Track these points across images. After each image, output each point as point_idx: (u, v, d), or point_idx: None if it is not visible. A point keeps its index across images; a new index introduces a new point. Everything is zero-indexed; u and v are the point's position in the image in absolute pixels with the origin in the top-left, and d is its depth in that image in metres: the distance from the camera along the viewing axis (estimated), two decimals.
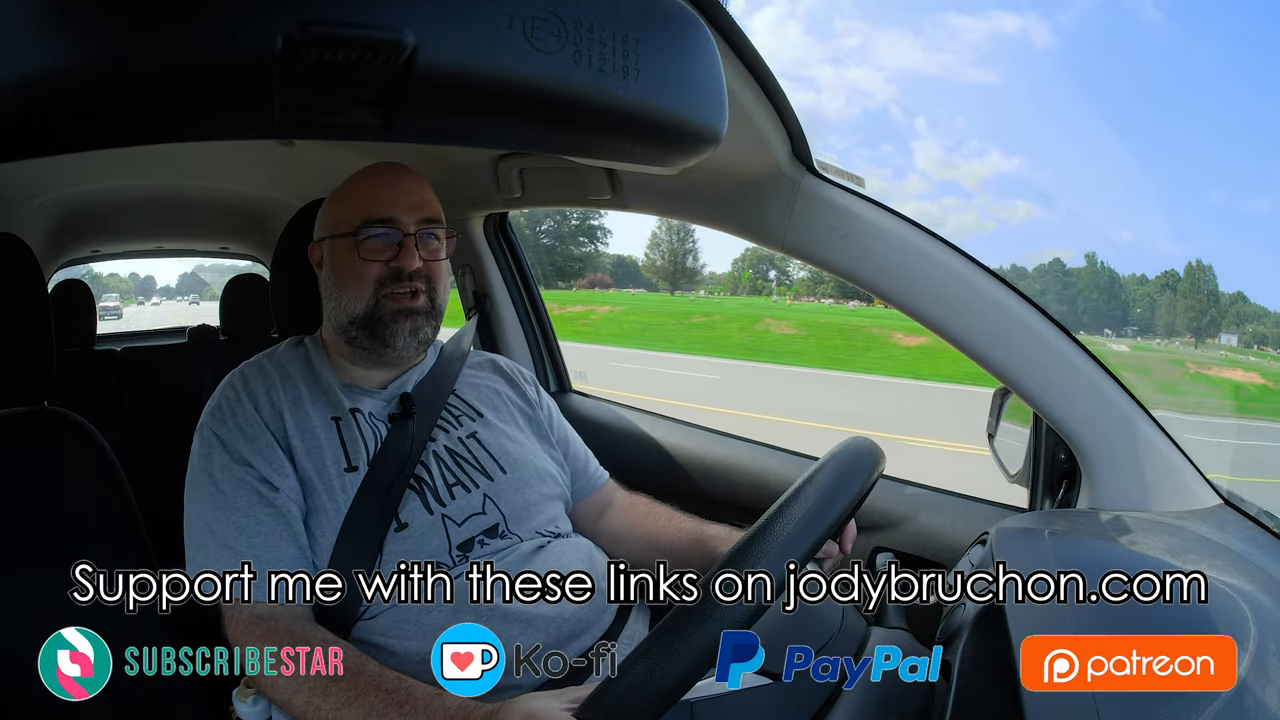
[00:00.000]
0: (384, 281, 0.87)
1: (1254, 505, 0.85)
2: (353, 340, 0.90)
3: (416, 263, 0.87)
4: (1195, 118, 38.73)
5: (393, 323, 0.88)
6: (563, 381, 1.71)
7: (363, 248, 0.87)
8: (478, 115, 0.38)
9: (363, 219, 0.87)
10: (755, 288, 24.96)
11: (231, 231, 2.40)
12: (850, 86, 46.37)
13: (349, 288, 0.88)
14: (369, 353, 0.90)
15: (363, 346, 0.90)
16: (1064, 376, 0.88)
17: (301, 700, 0.70)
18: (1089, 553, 0.76)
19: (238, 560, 0.77)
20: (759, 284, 25.01)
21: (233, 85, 0.32)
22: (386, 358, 0.91)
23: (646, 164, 0.47)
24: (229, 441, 0.83)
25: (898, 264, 0.91)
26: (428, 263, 0.89)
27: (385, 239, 0.87)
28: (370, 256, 0.87)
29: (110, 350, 2.16)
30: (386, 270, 0.87)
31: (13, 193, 1.59)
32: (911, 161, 46.26)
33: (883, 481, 0.81)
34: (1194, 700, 0.53)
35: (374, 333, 0.88)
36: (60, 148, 0.35)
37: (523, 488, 0.90)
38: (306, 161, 1.57)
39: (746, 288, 25.12)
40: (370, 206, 0.88)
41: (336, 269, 0.89)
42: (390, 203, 0.88)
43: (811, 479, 0.65)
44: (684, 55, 0.42)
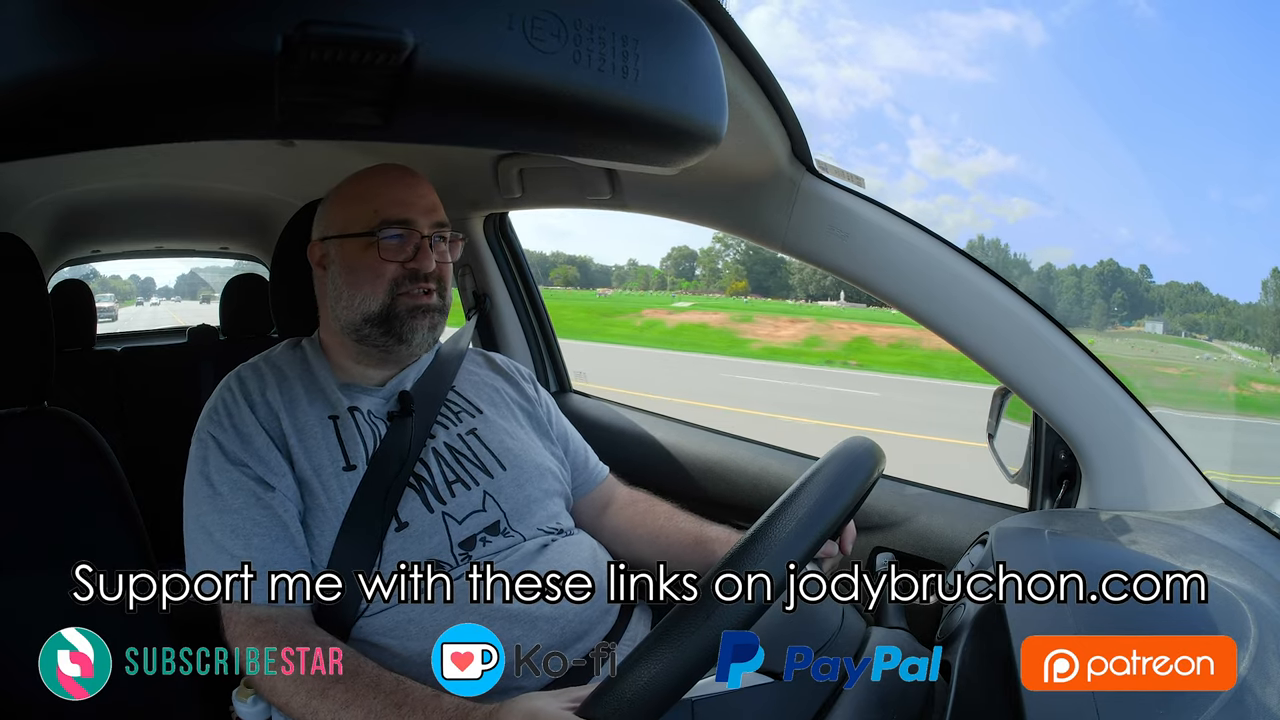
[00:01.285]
0: (400, 281, 0.88)
1: (1254, 505, 0.85)
2: (364, 338, 0.90)
3: (433, 265, 0.88)
4: (1191, 115, 38.74)
5: (410, 319, 0.88)
6: (563, 381, 1.71)
7: (383, 248, 0.87)
8: (478, 115, 0.38)
9: (380, 219, 0.88)
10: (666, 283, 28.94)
11: (231, 231, 2.40)
12: (844, 85, 46.44)
13: (364, 285, 0.88)
14: (380, 350, 0.91)
15: (375, 344, 0.90)
16: (1064, 376, 0.88)
17: (300, 702, 0.70)
18: (1089, 553, 0.76)
19: (234, 562, 0.77)
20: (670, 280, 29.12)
21: (233, 85, 0.32)
22: (397, 354, 0.91)
23: (646, 164, 0.47)
24: (224, 443, 0.83)
25: (898, 264, 0.91)
26: (440, 265, 0.90)
27: (402, 240, 0.88)
28: (389, 256, 0.88)
29: (110, 350, 2.16)
30: (403, 271, 0.88)
31: (13, 193, 1.59)
32: (908, 160, 46.26)
33: (883, 481, 0.81)
34: (1194, 700, 0.53)
35: (390, 329, 0.89)
36: (59, 148, 0.35)
37: (523, 484, 0.91)
38: (306, 161, 1.57)
39: (656, 283, 29.16)
40: (387, 207, 0.88)
41: (349, 267, 0.89)
42: (407, 205, 0.89)
43: (811, 479, 0.65)
44: (684, 55, 0.42)
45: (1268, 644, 0.57)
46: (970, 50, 40.48)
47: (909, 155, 50.08)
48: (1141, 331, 22.39)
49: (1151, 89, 47.82)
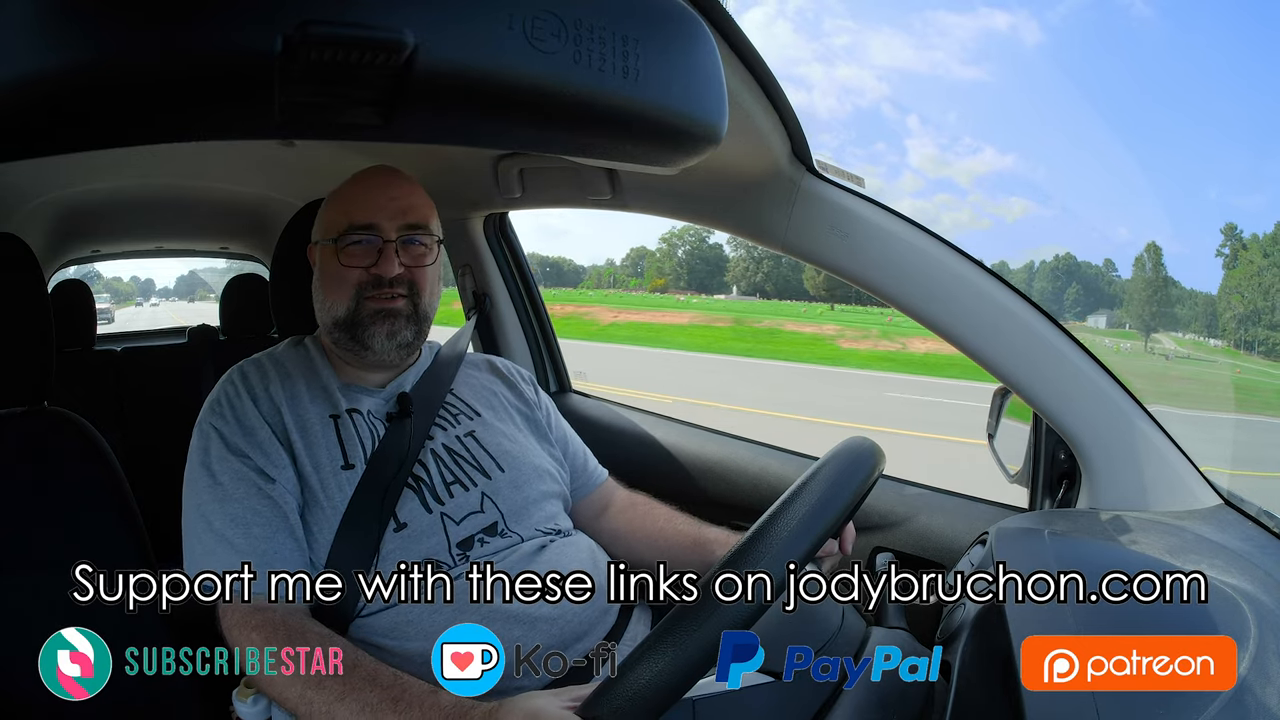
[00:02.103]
0: (365, 286, 0.88)
1: (1254, 505, 0.85)
2: (336, 342, 0.91)
3: (395, 270, 0.88)
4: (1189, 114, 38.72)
5: (371, 324, 0.88)
6: (562, 381, 1.71)
7: (344, 254, 0.88)
8: (478, 115, 0.38)
9: (346, 225, 0.88)
10: (615, 281, 32.88)
11: (231, 231, 2.40)
12: (841, 85, 46.54)
13: (332, 291, 0.89)
14: (350, 354, 0.91)
15: (345, 348, 0.91)
16: (1064, 376, 0.88)
17: (295, 694, 0.70)
18: (1089, 553, 0.76)
19: (233, 552, 0.77)
20: (620, 279, 33.18)
21: (233, 85, 0.32)
22: (367, 360, 0.91)
23: (647, 164, 0.47)
24: (226, 434, 0.83)
25: (898, 264, 0.91)
26: (410, 269, 0.89)
27: (367, 244, 0.88)
28: (351, 262, 0.88)
29: (110, 350, 2.17)
30: (367, 276, 0.88)
31: (13, 193, 1.59)
32: (905, 159, 46.30)
33: (883, 481, 0.81)
34: (1194, 700, 0.53)
35: (354, 335, 0.89)
36: (59, 148, 0.35)
37: (521, 486, 0.91)
38: (306, 161, 1.57)
39: (608, 281, 32.99)
40: (353, 212, 0.88)
41: (322, 272, 0.91)
42: (373, 209, 0.88)
43: (811, 479, 0.65)
44: (684, 55, 0.42)
45: (1268, 644, 0.57)
46: (966, 49, 40.55)
47: (906, 155, 50.12)
48: (1084, 326, 23.22)
49: (1149, 88, 47.85)
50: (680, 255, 32.56)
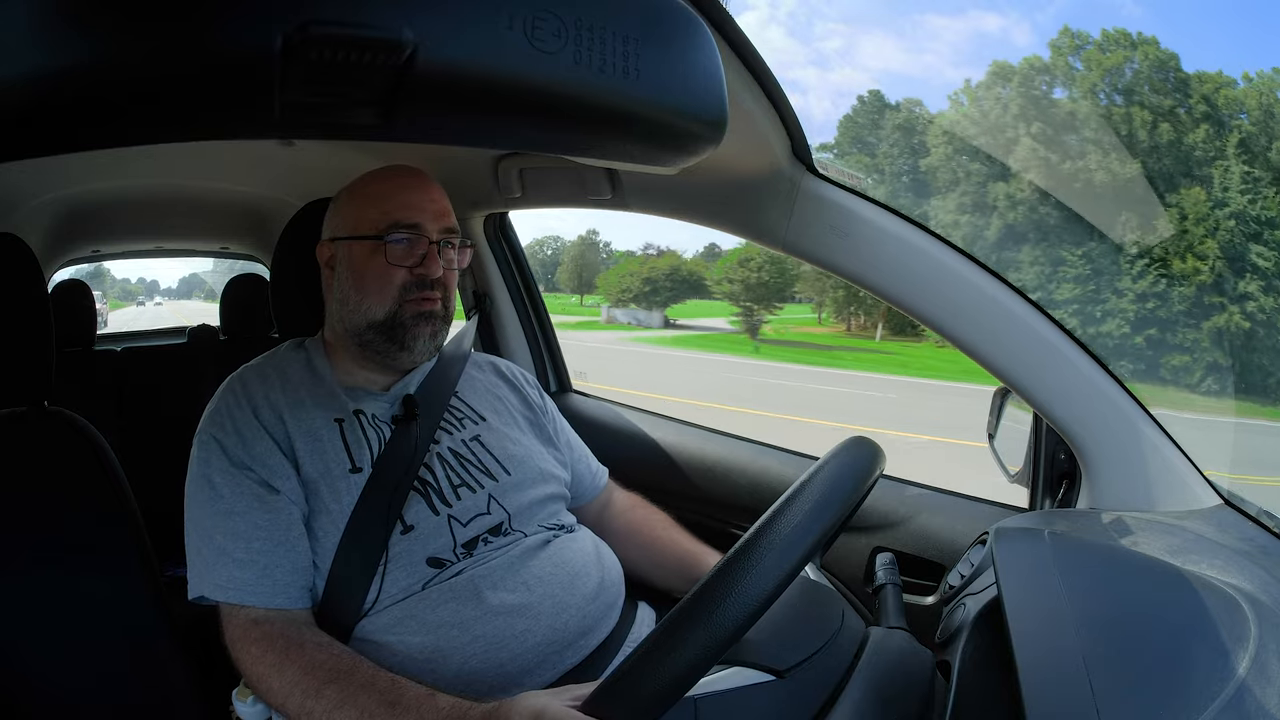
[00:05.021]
0: (408, 287, 0.87)
1: (1254, 505, 0.85)
2: (367, 343, 0.89)
3: (440, 271, 0.88)
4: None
5: (414, 326, 0.88)
6: (563, 381, 1.71)
7: (390, 252, 0.86)
8: (478, 115, 0.38)
9: (390, 222, 0.87)
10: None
11: (231, 231, 2.39)
12: (835, 89, 46.61)
13: (371, 291, 0.88)
14: (382, 356, 0.90)
15: (377, 349, 0.89)
16: (1064, 376, 0.88)
17: (295, 703, 0.70)
18: (1089, 553, 0.76)
19: (234, 566, 0.77)
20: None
21: (233, 85, 0.32)
22: (399, 361, 0.90)
23: (647, 164, 0.47)
24: (228, 446, 0.82)
25: (898, 263, 0.91)
26: (446, 271, 0.89)
27: (410, 245, 0.87)
28: (396, 261, 0.87)
29: (110, 350, 2.16)
30: (410, 277, 0.87)
31: (13, 193, 1.59)
32: None
33: (883, 481, 0.81)
34: (1194, 700, 0.53)
35: (393, 337, 0.88)
36: (59, 148, 0.35)
37: (526, 488, 0.90)
38: (306, 161, 1.56)
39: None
40: (397, 210, 0.87)
41: (356, 271, 0.88)
42: (417, 209, 0.88)
43: (812, 478, 0.65)
44: (685, 55, 0.42)
45: (1268, 644, 0.57)
46: (958, 52, 40.44)
47: None
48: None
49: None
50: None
